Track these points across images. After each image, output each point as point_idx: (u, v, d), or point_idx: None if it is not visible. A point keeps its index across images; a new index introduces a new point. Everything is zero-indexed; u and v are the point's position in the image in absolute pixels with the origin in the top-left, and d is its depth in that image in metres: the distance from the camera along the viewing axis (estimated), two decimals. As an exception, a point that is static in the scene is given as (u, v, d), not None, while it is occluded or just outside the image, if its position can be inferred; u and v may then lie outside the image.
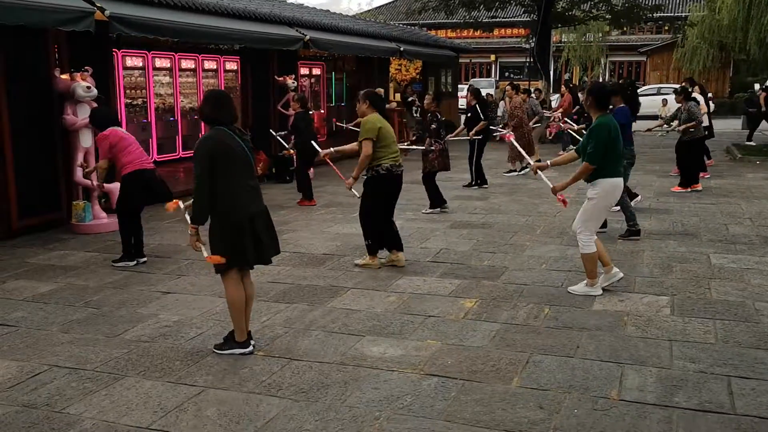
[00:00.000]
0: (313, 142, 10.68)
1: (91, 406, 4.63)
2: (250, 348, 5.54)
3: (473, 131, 13.51)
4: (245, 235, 5.36)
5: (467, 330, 5.95)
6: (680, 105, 12.88)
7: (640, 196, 11.20)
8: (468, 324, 6.10)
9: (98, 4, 9.83)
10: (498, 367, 5.15)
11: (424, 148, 11.26)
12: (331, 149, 8.87)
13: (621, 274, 6.95)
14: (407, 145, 15.69)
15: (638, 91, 20.60)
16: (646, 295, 6.78)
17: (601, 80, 40.36)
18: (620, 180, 6.90)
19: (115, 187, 8.71)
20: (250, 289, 5.67)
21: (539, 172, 7.29)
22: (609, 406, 4.49)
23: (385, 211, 8.00)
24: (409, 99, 23.25)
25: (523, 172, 15.51)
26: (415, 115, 23.20)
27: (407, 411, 4.51)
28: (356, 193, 8.25)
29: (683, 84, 14.96)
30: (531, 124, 16.75)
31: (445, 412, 4.48)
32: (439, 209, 11.25)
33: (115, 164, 8.24)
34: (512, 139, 9.69)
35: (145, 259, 8.33)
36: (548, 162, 7.31)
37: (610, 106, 7.21)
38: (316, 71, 19.72)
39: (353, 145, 8.12)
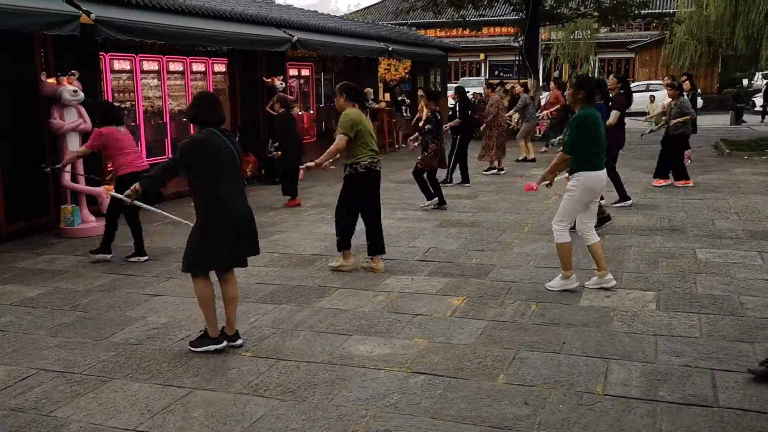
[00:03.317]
0: (301, 167, 9.93)
1: (79, 409, 4.64)
2: (224, 344, 5.62)
3: (447, 126, 13.58)
4: (225, 238, 5.45)
5: (454, 328, 5.97)
6: (672, 99, 12.91)
7: (631, 201, 11.22)
8: (455, 322, 6.12)
9: (84, 8, 9.81)
10: (484, 364, 5.17)
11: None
12: (313, 162, 8.04)
13: (614, 282, 6.94)
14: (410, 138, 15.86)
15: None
16: (633, 291, 6.83)
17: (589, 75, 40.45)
18: (602, 173, 6.92)
19: (99, 190, 9.16)
20: (232, 290, 5.71)
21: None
22: (594, 401, 4.52)
23: (369, 210, 7.93)
24: (399, 98, 23.28)
25: (502, 172, 15.53)
26: (405, 114, 23.27)
27: (394, 409, 4.53)
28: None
29: (684, 78, 15.00)
30: (512, 117, 16.96)
31: (432, 409, 4.51)
32: (431, 204, 11.33)
33: (111, 162, 8.61)
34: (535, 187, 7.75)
35: (146, 257, 8.52)
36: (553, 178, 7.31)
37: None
38: (305, 72, 19.68)
39: (330, 150, 7.87)
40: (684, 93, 13.48)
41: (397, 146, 21.66)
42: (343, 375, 5.08)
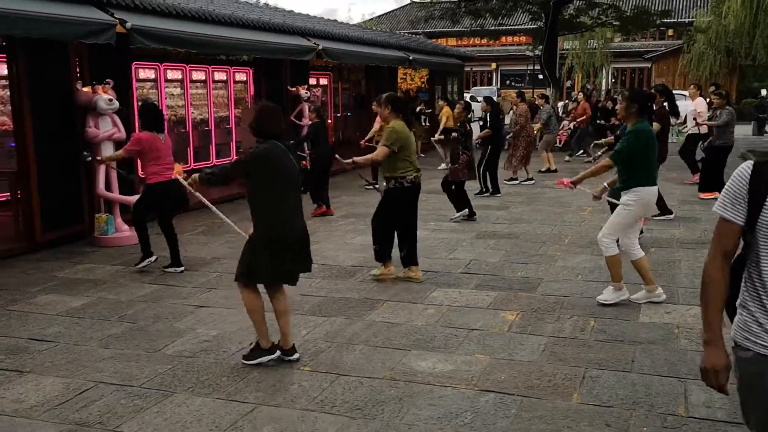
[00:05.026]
0: (337, 155, 10.09)
1: (145, 424, 4.53)
2: (277, 354, 5.55)
3: (478, 137, 13.53)
4: (275, 254, 5.41)
5: (514, 344, 5.84)
6: (718, 108, 12.93)
7: (673, 215, 11.01)
8: (514, 337, 5.99)
9: (118, 17, 9.76)
10: (555, 383, 5.04)
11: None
12: (351, 160, 8.22)
13: (664, 296, 6.84)
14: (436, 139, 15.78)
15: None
16: (693, 307, 6.66)
17: (608, 87, 40.35)
18: (656, 189, 6.90)
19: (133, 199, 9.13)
20: (279, 304, 5.62)
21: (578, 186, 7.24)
22: (679, 424, 4.38)
23: (409, 223, 7.86)
24: (417, 109, 23.19)
25: (527, 182, 15.41)
26: (423, 124, 23.16)
27: (469, 429, 4.40)
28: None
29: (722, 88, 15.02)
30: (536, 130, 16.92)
31: (509, 429, 4.38)
32: (461, 216, 11.19)
33: (143, 167, 8.54)
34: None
35: (183, 268, 8.41)
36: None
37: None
38: (324, 81, 19.62)
39: (369, 157, 8.03)
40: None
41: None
42: (409, 392, 4.96)
